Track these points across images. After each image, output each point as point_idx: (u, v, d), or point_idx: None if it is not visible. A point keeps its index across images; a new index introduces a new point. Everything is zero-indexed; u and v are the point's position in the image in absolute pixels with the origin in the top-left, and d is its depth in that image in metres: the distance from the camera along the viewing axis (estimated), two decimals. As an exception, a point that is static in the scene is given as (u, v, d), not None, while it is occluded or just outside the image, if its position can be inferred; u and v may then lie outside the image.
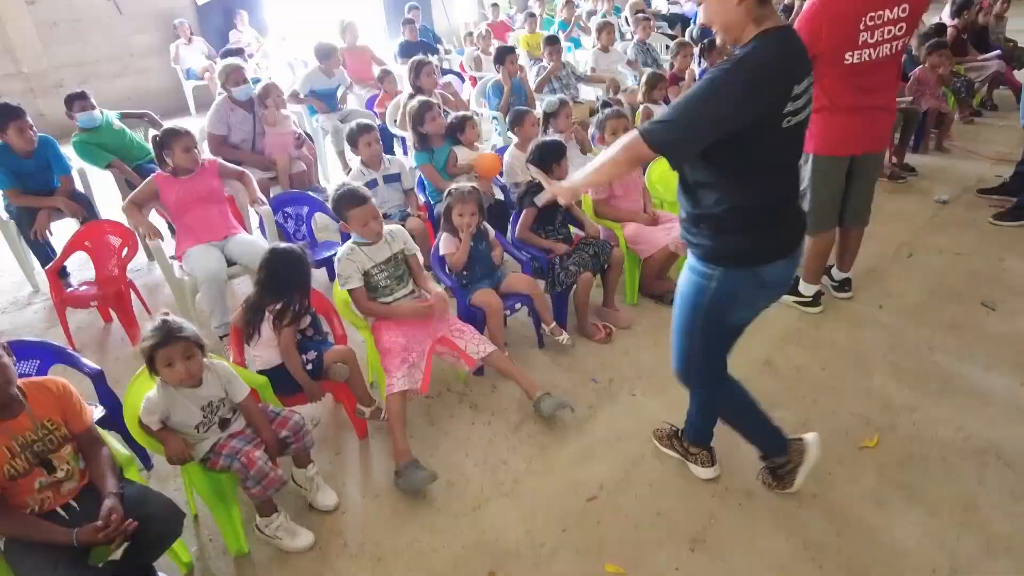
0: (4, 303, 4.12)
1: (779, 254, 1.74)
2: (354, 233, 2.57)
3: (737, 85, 1.51)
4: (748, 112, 1.52)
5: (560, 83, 5.34)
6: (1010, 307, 3.23)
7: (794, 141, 1.68)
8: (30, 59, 7.83)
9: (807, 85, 1.61)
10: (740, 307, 1.81)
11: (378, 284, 2.59)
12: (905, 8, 2.57)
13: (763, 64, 1.52)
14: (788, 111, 1.56)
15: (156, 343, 1.92)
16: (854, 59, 2.64)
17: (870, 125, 2.81)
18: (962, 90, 6.21)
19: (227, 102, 4.24)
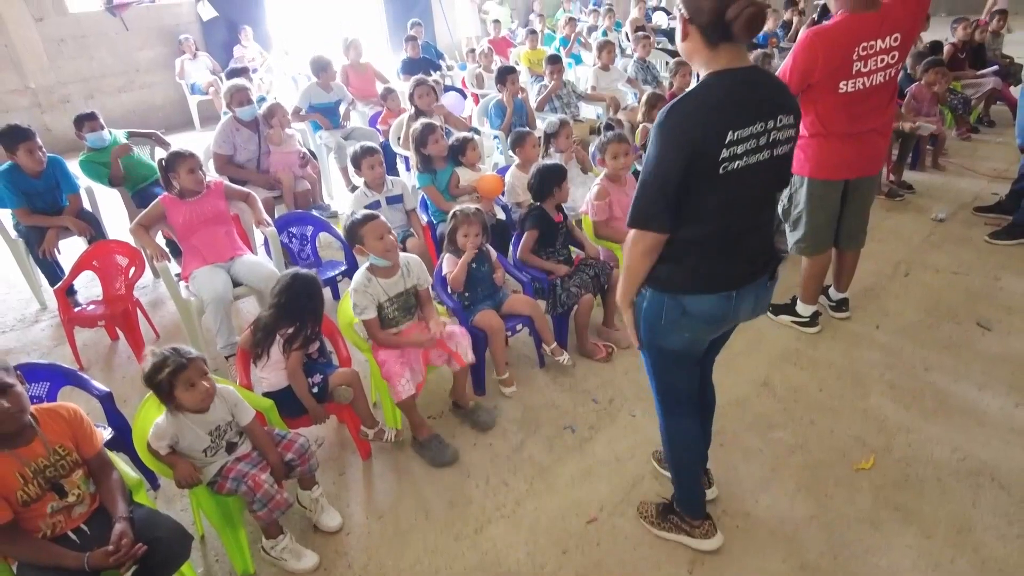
0: (12, 320, 4.17)
1: (704, 288, 1.71)
2: (371, 255, 2.57)
3: (662, 143, 1.54)
4: (680, 165, 1.53)
5: (561, 101, 5.40)
6: (1005, 327, 3.27)
7: (745, 183, 1.59)
8: (37, 74, 7.92)
9: (760, 129, 1.55)
10: (668, 331, 1.78)
11: (387, 316, 2.63)
12: (897, 37, 2.62)
13: (686, 113, 1.52)
14: (724, 157, 1.52)
15: (176, 368, 1.97)
16: (848, 88, 2.69)
17: (864, 149, 2.85)
18: (959, 107, 6.27)
19: (232, 122, 4.30)
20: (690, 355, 1.88)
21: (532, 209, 3.19)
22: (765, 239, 1.79)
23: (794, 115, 1.64)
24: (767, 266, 1.79)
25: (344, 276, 3.65)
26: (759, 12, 1.46)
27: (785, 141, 1.63)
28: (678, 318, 1.75)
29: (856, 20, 2.63)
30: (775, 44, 8.13)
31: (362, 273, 2.61)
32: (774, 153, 1.61)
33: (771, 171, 1.64)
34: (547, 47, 8.51)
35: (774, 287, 1.85)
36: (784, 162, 1.68)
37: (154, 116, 9.00)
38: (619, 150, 3.33)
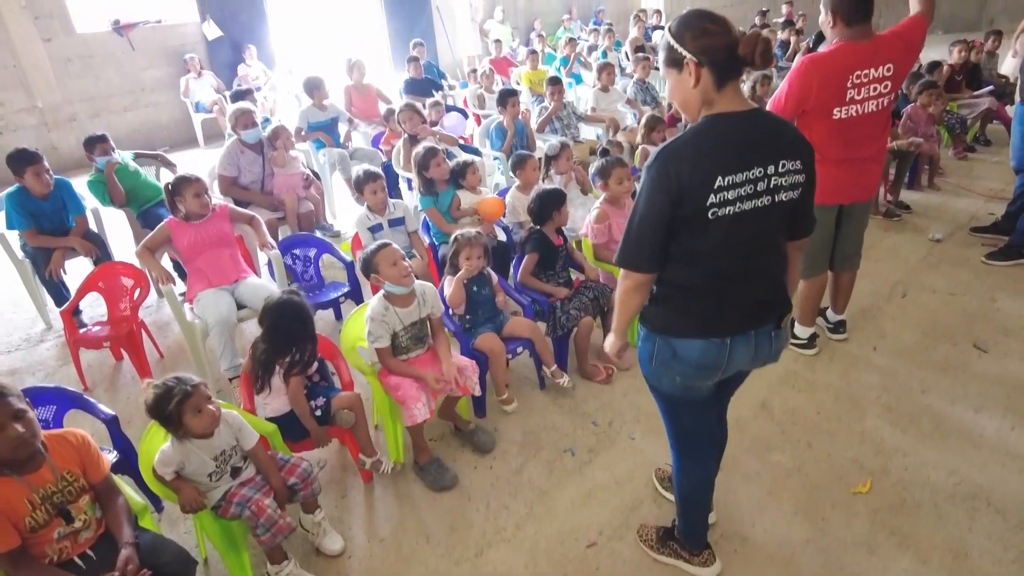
0: (18, 340, 4.21)
1: (694, 332, 1.68)
2: (388, 283, 2.58)
3: (650, 186, 1.54)
4: (667, 208, 1.54)
5: (561, 123, 5.47)
6: (1002, 348, 3.30)
7: (739, 229, 1.56)
8: (44, 94, 8.02)
9: (758, 175, 1.53)
10: (661, 373, 1.77)
11: (399, 345, 2.65)
12: (890, 68, 2.68)
13: (675, 156, 1.52)
14: (712, 203, 1.51)
15: (183, 396, 2.01)
16: (842, 114, 2.75)
17: (858, 176, 2.91)
18: (956, 126, 6.35)
19: (237, 144, 4.37)
20: (691, 400, 1.83)
21: (532, 233, 3.23)
22: (768, 287, 1.73)
23: (801, 159, 1.59)
24: (771, 315, 1.73)
25: (347, 298, 3.69)
26: (769, 46, 1.48)
27: (791, 187, 1.59)
28: (668, 360, 1.72)
29: (851, 49, 2.69)
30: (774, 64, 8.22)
31: (379, 301, 2.60)
32: (776, 199, 1.58)
33: (773, 217, 1.61)
34: (548, 66, 8.62)
35: (782, 336, 1.78)
36: (790, 208, 1.63)
37: (159, 134, 9.11)
38: (624, 174, 3.40)
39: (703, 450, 1.96)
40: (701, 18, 1.53)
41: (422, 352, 2.76)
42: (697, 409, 1.87)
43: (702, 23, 1.52)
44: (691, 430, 1.93)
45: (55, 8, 7.90)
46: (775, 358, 1.80)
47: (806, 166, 1.61)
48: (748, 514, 2.38)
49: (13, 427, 1.78)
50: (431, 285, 2.76)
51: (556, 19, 12.71)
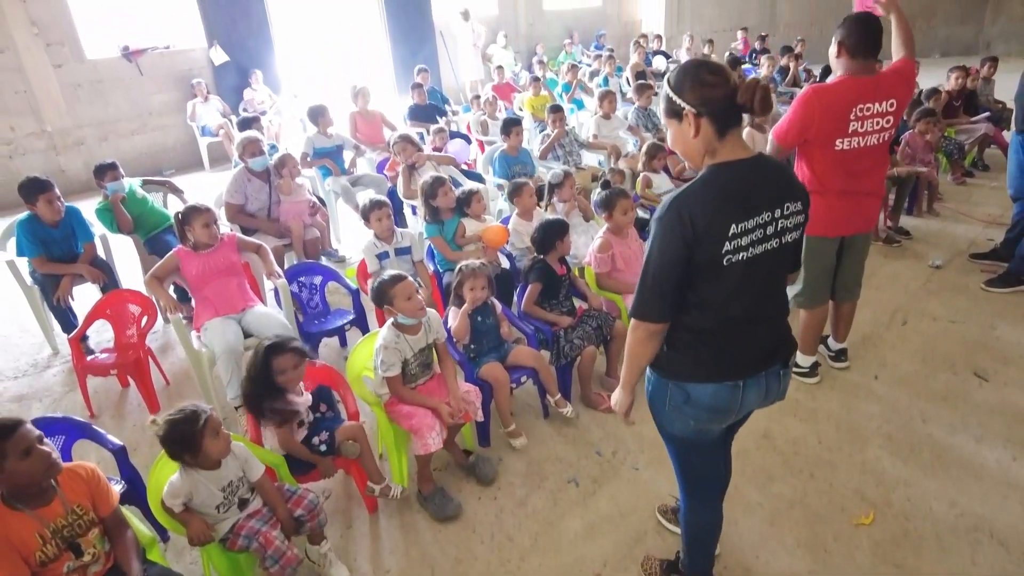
0: (25, 365, 4.25)
1: (708, 377, 1.69)
2: (400, 315, 2.62)
3: (663, 236, 1.56)
4: (681, 258, 1.56)
5: (564, 150, 5.55)
6: (1002, 377, 3.32)
7: (751, 273, 1.59)
8: (54, 119, 8.13)
9: (767, 219, 1.57)
10: (673, 417, 1.78)
11: (409, 372, 2.68)
12: (892, 103, 2.75)
13: (687, 207, 1.54)
14: (727, 250, 1.54)
15: (203, 425, 2.05)
16: (844, 146, 2.80)
17: (858, 208, 2.96)
18: (954, 152, 6.42)
19: (244, 172, 4.44)
20: (702, 442, 1.84)
21: (535, 262, 3.28)
22: (776, 328, 1.76)
23: (802, 200, 1.64)
24: (779, 355, 1.76)
25: (352, 325, 3.73)
26: (768, 93, 1.52)
27: (794, 228, 1.64)
28: (681, 405, 1.74)
29: (854, 83, 2.76)
30: (773, 90, 8.32)
31: (391, 330, 2.63)
32: (783, 241, 1.63)
33: (780, 258, 1.65)
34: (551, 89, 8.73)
35: (789, 375, 1.82)
36: (793, 248, 1.68)
37: (165, 157, 9.22)
38: (628, 205, 3.46)
39: (712, 491, 1.98)
40: (699, 68, 1.57)
41: (428, 379, 2.79)
42: (708, 451, 1.88)
43: (700, 74, 1.55)
44: (701, 472, 1.94)
45: (66, 35, 8.04)
46: (782, 396, 1.84)
47: (805, 205, 1.66)
48: (750, 546, 2.39)
49: (39, 448, 1.83)
50: (433, 311, 2.80)
51: (558, 43, 12.89)
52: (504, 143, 5.15)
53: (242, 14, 9.29)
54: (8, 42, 7.62)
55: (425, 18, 10.99)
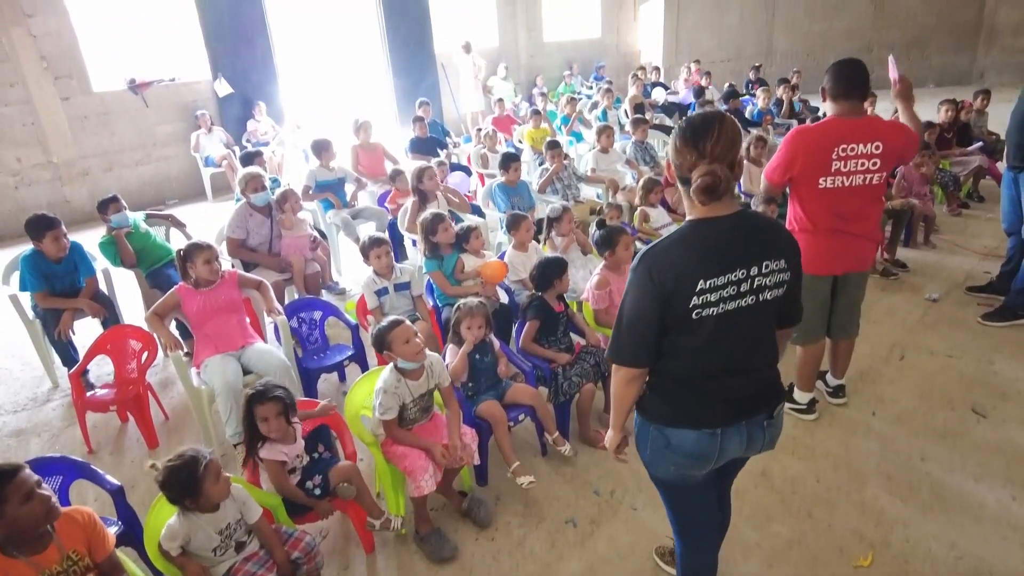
0: (24, 399, 4.25)
1: (686, 423, 1.72)
2: (399, 359, 2.61)
3: (636, 286, 1.64)
4: (653, 308, 1.62)
5: (562, 183, 5.62)
6: (1000, 414, 3.32)
7: (725, 328, 1.63)
8: (60, 150, 8.24)
9: (740, 276, 1.60)
10: (656, 461, 1.81)
11: (407, 416, 2.68)
12: (879, 146, 2.77)
13: (658, 260, 1.60)
14: (695, 304, 1.59)
15: (203, 470, 2.06)
16: (827, 184, 2.85)
17: (848, 248, 2.99)
18: (949, 184, 6.49)
19: (246, 207, 4.49)
20: (687, 487, 1.85)
21: (533, 299, 3.31)
22: (760, 380, 1.76)
23: (786, 258, 1.65)
24: (762, 406, 1.76)
25: (351, 361, 3.74)
26: (713, 183, 1.54)
27: (775, 286, 1.65)
28: (662, 448, 1.76)
29: (838, 123, 2.83)
30: (770, 121, 8.45)
31: (392, 374, 2.63)
32: (760, 298, 1.64)
33: (760, 315, 1.67)
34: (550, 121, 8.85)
35: (776, 425, 1.82)
36: (775, 306, 1.69)
37: (169, 187, 9.32)
38: (628, 240, 3.51)
39: (704, 534, 1.98)
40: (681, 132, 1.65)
41: (425, 421, 2.79)
42: (695, 495, 1.89)
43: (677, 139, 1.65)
44: (690, 515, 1.95)
45: (74, 68, 8.19)
46: (771, 445, 1.84)
47: (791, 264, 1.67)
48: (750, 589, 2.38)
49: (39, 493, 1.84)
50: (437, 356, 2.80)
51: (558, 74, 13.09)
52: (503, 177, 5.22)
53: (246, 47, 9.47)
54: (18, 76, 7.76)
55: (426, 50, 11.18)
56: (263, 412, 2.42)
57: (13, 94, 7.79)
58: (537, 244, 4.29)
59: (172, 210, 8.58)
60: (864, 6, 14.49)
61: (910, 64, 14.19)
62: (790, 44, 14.75)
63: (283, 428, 2.46)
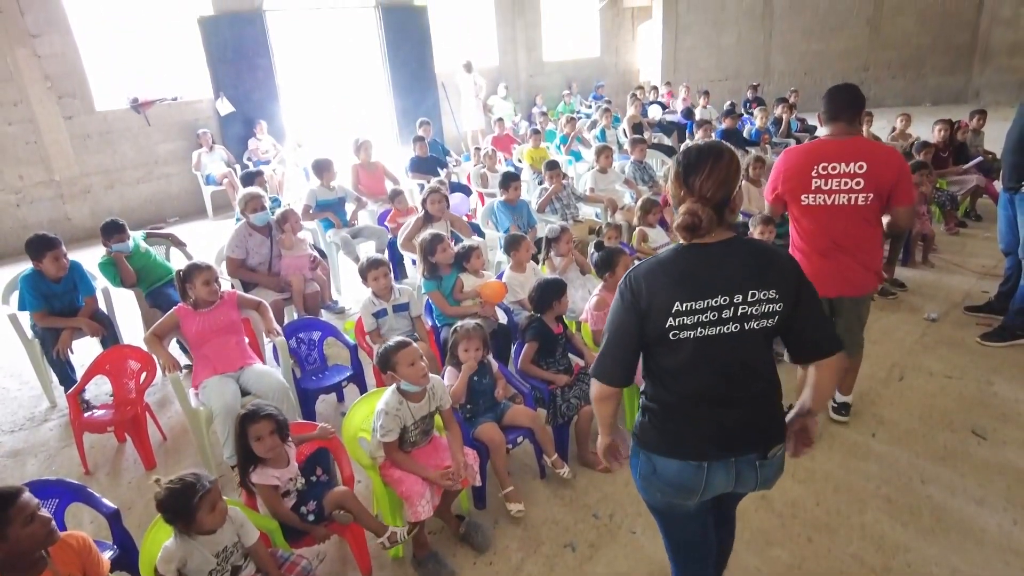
0: (22, 419, 4.24)
1: (671, 452, 1.72)
2: (403, 381, 2.59)
3: (618, 303, 1.69)
4: (633, 326, 1.65)
5: (561, 203, 5.64)
6: (1000, 436, 3.31)
7: (705, 354, 1.63)
8: (62, 168, 8.30)
9: (722, 302, 1.59)
10: (644, 487, 1.82)
11: (407, 439, 2.67)
12: (862, 165, 2.80)
13: (638, 279, 1.64)
14: (671, 326, 1.60)
15: (200, 498, 2.05)
16: (809, 201, 2.95)
17: (837, 270, 2.99)
18: (946, 203, 6.52)
19: (246, 227, 4.51)
20: (678, 515, 1.84)
21: (531, 321, 3.31)
22: (748, 415, 1.72)
23: (777, 289, 1.61)
24: (753, 444, 1.72)
25: (349, 381, 3.74)
26: (692, 223, 1.59)
27: (762, 316, 1.62)
28: (650, 476, 1.77)
29: (823, 143, 2.93)
30: (767, 140, 8.51)
31: (393, 396, 2.62)
32: (745, 327, 1.62)
33: (745, 344, 1.64)
34: (549, 142, 8.92)
35: (772, 466, 1.77)
36: (764, 337, 1.66)
37: (170, 205, 9.36)
38: (628, 260, 3.53)
39: (698, 561, 1.97)
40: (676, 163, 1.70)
41: (426, 443, 2.78)
42: (687, 523, 1.88)
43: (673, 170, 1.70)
44: (682, 543, 1.95)
45: (78, 88, 8.26)
46: (766, 485, 1.80)
47: (784, 294, 1.62)
48: (750, 616, 2.36)
49: (40, 515, 1.86)
50: (439, 378, 2.79)
51: (557, 93, 13.21)
52: (503, 195, 5.25)
53: (248, 67, 9.56)
54: (22, 95, 7.84)
55: (427, 70, 11.29)
56: (256, 431, 2.41)
57: (17, 113, 7.86)
58: (536, 264, 4.31)
59: (172, 228, 8.69)
60: (860, 27, 14.65)
61: (906, 84, 14.34)
62: (787, 64, 14.89)
63: (278, 446, 2.45)
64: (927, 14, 14.47)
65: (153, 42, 9.12)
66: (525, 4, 12.58)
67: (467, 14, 12.33)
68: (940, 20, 14.50)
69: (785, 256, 1.72)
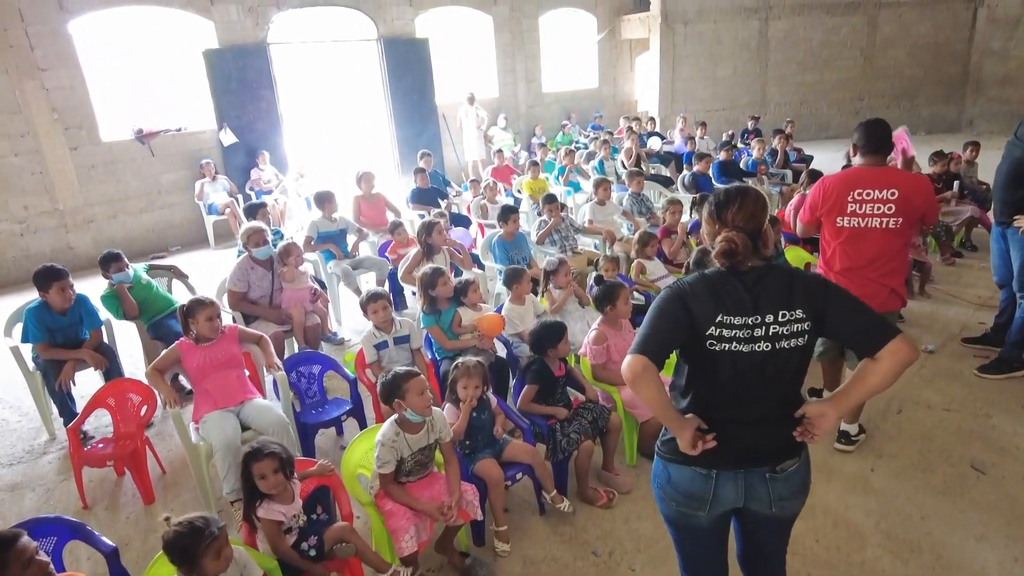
0: (21, 452, 4.23)
1: (684, 460, 1.80)
2: (409, 411, 2.62)
3: (664, 296, 1.78)
4: (671, 328, 1.75)
5: (560, 235, 5.70)
6: (999, 470, 3.31)
7: (736, 367, 1.73)
8: (67, 198, 8.37)
9: (755, 321, 1.70)
10: (660, 497, 1.92)
11: (404, 469, 2.68)
12: (894, 192, 3.05)
13: (691, 287, 1.76)
14: (711, 334, 1.72)
15: (212, 539, 2.05)
16: (844, 223, 3.18)
17: (864, 290, 3.07)
18: (941, 234, 6.58)
19: (248, 261, 4.56)
20: (690, 528, 1.91)
21: (532, 362, 3.31)
22: (768, 433, 1.80)
23: (803, 308, 1.71)
24: (766, 458, 1.80)
25: (349, 415, 3.75)
26: (729, 248, 1.70)
27: (791, 335, 1.72)
28: (664, 485, 1.87)
29: (858, 171, 3.21)
30: (764, 171, 8.61)
31: (391, 427, 2.65)
32: (777, 346, 1.72)
33: (776, 363, 1.74)
34: (548, 173, 9.02)
35: (782, 481, 1.82)
36: (794, 356, 1.75)
37: (172, 234, 9.42)
38: (627, 293, 3.60)
39: None
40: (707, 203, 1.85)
41: (422, 477, 2.79)
42: (697, 538, 1.94)
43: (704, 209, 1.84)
44: (691, 558, 2.00)
45: (84, 119, 8.38)
46: (784, 508, 1.86)
47: (811, 312, 1.72)
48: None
49: (38, 559, 1.88)
50: (439, 410, 2.82)
51: (556, 124, 13.38)
52: (501, 229, 5.31)
53: (252, 98, 9.71)
54: (29, 127, 7.95)
55: (427, 102, 11.45)
56: (260, 469, 2.42)
57: (23, 144, 7.96)
58: (535, 297, 4.34)
59: (174, 256, 8.75)
60: (854, 59, 14.91)
61: (900, 113, 14.52)
62: (783, 94, 15.11)
63: (281, 484, 2.46)
64: (918, 46, 14.76)
65: (159, 74, 9.28)
66: (525, 37, 12.81)
67: (468, 47, 12.57)
68: (932, 52, 14.79)
69: (811, 276, 1.81)
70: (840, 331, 1.76)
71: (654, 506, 3.10)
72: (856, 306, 1.75)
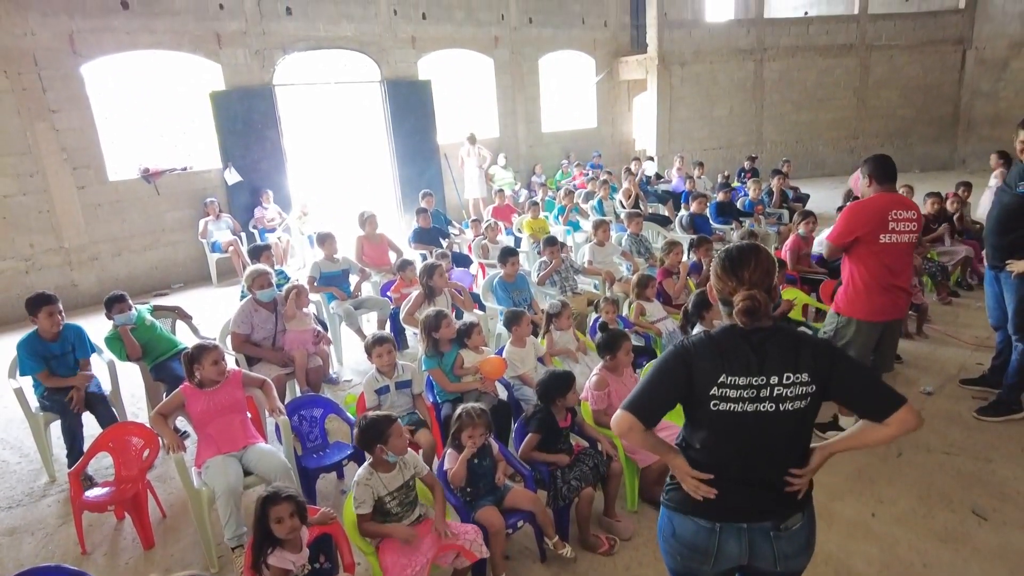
0: (20, 494, 4.22)
1: (686, 509, 1.85)
2: (389, 453, 2.75)
3: (670, 355, 1.83)
4: (668, 391, 1.80)
5: (560, 276, 5.77)
6: (1001, 516, 3.31)
7: (741, 427, 1.76)
8: (72, 236, 8.47)
9: (760, 382, 1.73)
10: (665, 549, 1.95)
11: (389, 511, 2.72)
12: (913, 213, 3.62)
13: (695, 347, 1.80)
14: (713, 395, 1.75)
15: None
16: (886, 240, 3.58)
17: (895, 301, 3.75)
18: (937, 274, 6.66)
19: (251, 303, 4.61)
20: None
21: (537, 411, 3.32)
22: (773, 491, 1.82)
23: (809, 372, 1.74)
24: (770, 514, 1.83)
25: (350, 460, 3.75)
26: (753, 307, 1.74)
27: (796, 397, 1.74)
28: (669, 537, 1.90)
29: (888, 197, 3.64)
30: (761, 211, 8.73)
31: (365, 468, 2.79)
32: (781, 408, 1.74)
33: (779, 424, 1.76)
34: (548, 211, 9.14)
35: (787, 539, 1.83)
36: (797, 418, 1.77)
37: (175, 271, 9.50)
38: (629, 346, 3.63)
39: None
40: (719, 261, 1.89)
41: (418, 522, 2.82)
42: None
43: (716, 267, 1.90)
44: None
45: (92, 159, 8.52)
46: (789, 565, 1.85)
47: (816, 376, 1.75)
48: None
49: None
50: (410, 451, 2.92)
51: (555, 163, 13.60)
52: (502, 270, 5.38)
53: (257, 138, 9.89)
54: (38, 167, 8.09)
55: (429, 142, 11.66)
56: (278, 513, 2.45)
57: (32, 184, 8.09)
58: (535, 339, 4.38)
59: (177, 294, 8.82)
60: (848, 99, 15.23)
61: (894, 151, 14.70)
62: (779, 133, 15.39)
63: (297, 528, 2.49)
64: (910, 87, 15.11)
65: (166, 115, 9.47)
66: (525, 79, 13.11)
67: (469, 88, 12.85)
68: (923, 93, 15.13)
69: (818, 341, 1.85)
70: (847, 397, 1.84)
71: (656, 553, 3.15)
72: (862, 374, 1.82)
